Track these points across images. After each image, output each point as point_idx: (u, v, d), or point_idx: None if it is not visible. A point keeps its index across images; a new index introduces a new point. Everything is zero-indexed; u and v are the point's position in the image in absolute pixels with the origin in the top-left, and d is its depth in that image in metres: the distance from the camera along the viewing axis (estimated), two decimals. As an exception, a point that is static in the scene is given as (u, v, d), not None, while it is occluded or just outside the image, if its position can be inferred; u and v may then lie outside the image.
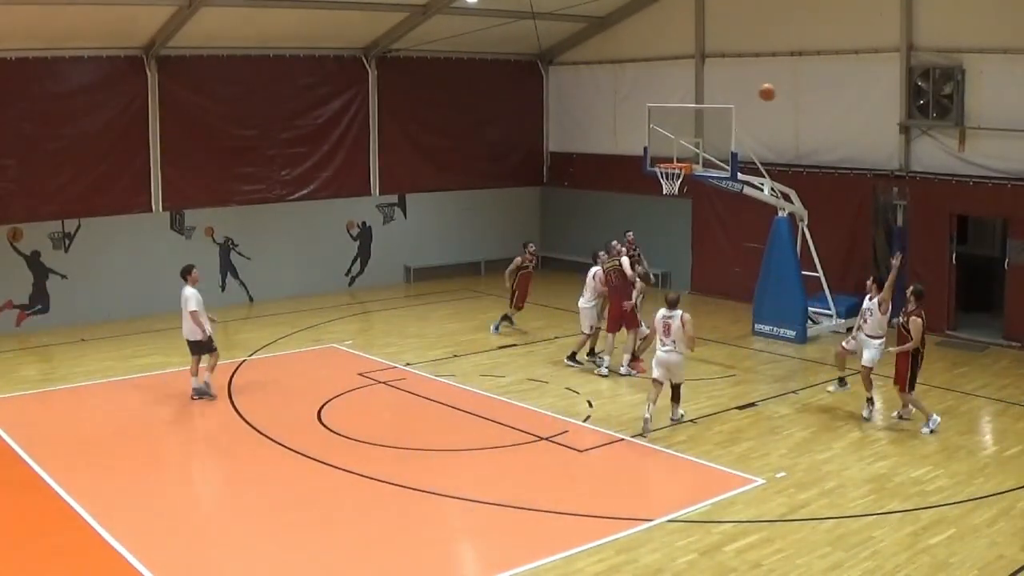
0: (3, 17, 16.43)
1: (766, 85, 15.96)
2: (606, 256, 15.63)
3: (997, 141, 16.73)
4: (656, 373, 12.71)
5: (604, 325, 15.63)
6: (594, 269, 15.79)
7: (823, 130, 19.27)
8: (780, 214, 17.49)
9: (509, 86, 24.55)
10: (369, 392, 14.74)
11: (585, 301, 15.82)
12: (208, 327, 14.06)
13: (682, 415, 13.08)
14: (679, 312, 12.57)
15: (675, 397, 12.94)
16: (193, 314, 13.95)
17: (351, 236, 22.54)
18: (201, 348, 14.15)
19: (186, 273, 14.18)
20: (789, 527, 9.81)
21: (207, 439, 12.75)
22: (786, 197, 17.61)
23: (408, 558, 9.36)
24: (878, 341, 13.16)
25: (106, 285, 19.20)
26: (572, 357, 15.86)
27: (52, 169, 18.49)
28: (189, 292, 14.04)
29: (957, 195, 17.28)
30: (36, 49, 17.98)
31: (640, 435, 12.50)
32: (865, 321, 13.33)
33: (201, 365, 14.24)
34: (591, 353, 15.97)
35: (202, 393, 14.16)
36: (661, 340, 12.67)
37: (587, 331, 15.87)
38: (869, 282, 13.64)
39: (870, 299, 13.39)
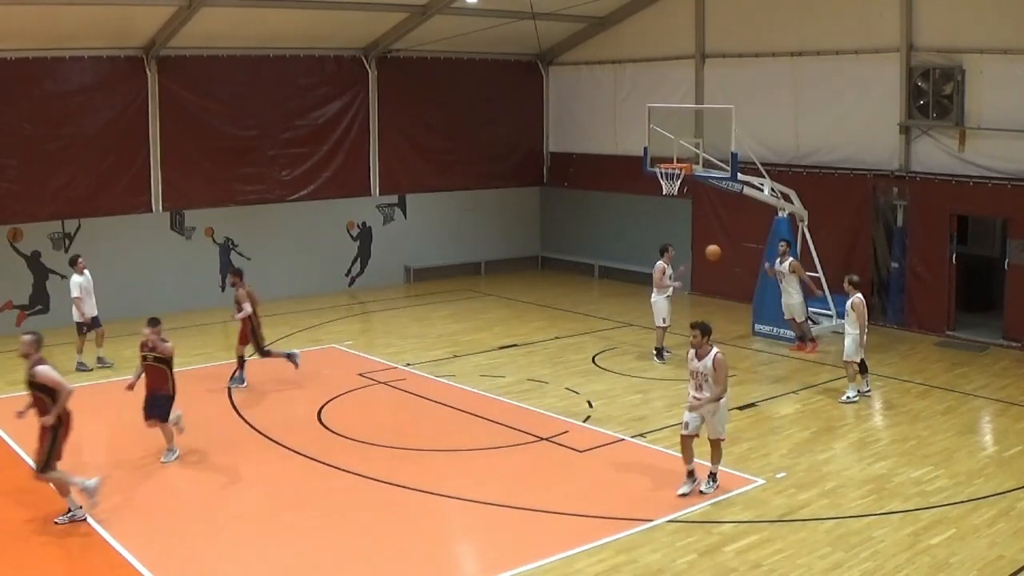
0: (3, 17, 16.44)
1: (711, 247, 16.44)
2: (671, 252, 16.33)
3: (997, 141, 16.73)
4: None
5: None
6: (658, 263, 16.14)
7: (823, 130, 19.27)
8: (780, 214, 17.48)
9: (509, 86, 24.55)
10: (369, 392, 14.73)
11: (656, 295, 16.17)
12: (86, 311, 15.80)
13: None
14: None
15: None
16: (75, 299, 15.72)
17: (351, 236, 22.54)
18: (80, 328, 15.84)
19: (72, 263, 15.89)
20: (789, 527, 9.81)
21: (207, 439, 12.72)
22: (786, 197, 17.61)
23: (408, 558, 9.35)
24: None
25: (106, 285, 19.10)
26: (659, 354, 16.16)
27: (52, 169, 18.50)
28: (72, 279, 15.78)
29: (957, 195, 17.28)
30: (36, 49, 17.99)
31: (640, 435, 12.53)
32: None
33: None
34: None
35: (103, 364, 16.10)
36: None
37: (660, 324, 16.21)
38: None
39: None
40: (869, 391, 14.07)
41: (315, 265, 21.91)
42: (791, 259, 16.51)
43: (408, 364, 16.02)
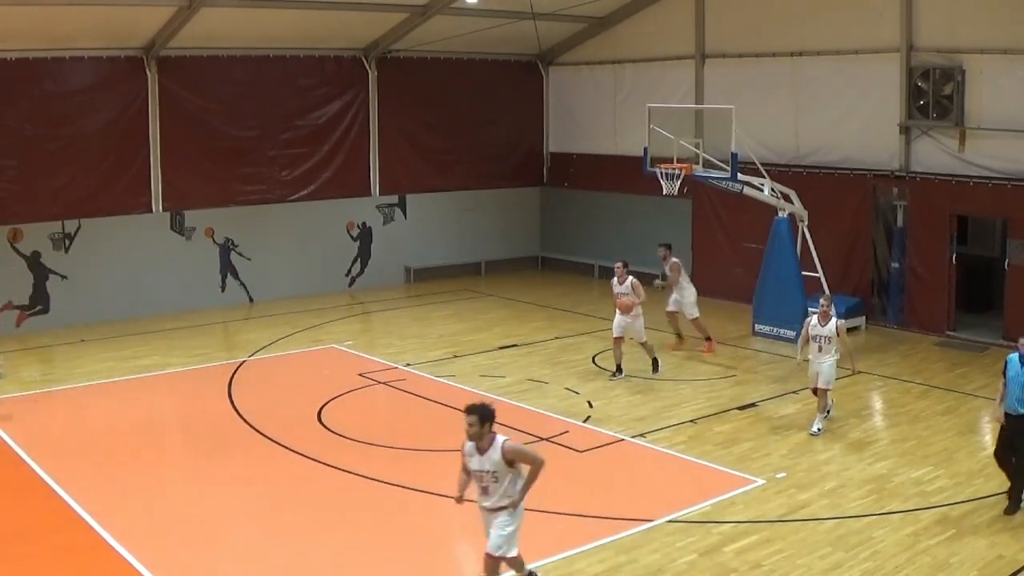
0: (3, 17, 16.43)
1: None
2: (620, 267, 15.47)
3: (997, 141, 16.73)
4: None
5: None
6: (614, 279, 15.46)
7: (823, 130, 19.26)
8: (780, 214, 17.49)
9: (509, 86, 24.55)
10: (369, 392, 14.73)
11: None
12: None
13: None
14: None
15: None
16: None
17: (351, 236, 22.54)
18: None
19: None
20: (789, 527, 9.81)
21: (207, 439, 12.74)
22: (786, 197, 17.61)
23: (408, 558, 9.36)
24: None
25: (106, 286, 19.20)
26: (655, 366, 15.45)
27: (52, 169, 18.49)
28: None
29: (957, 195, 17.28)
30: (36, 49, 17.99)
31: (640, 435, 12.54)
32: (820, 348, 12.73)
33: None
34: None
35: None
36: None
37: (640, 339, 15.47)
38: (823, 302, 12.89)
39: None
40: (821, 429, 12.68)
41: (315, 265, 21.90)
42: (673, 260, 16.51)
43: (408, 364, 16.02)
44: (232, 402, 14.17)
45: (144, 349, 17.17)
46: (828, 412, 12.95)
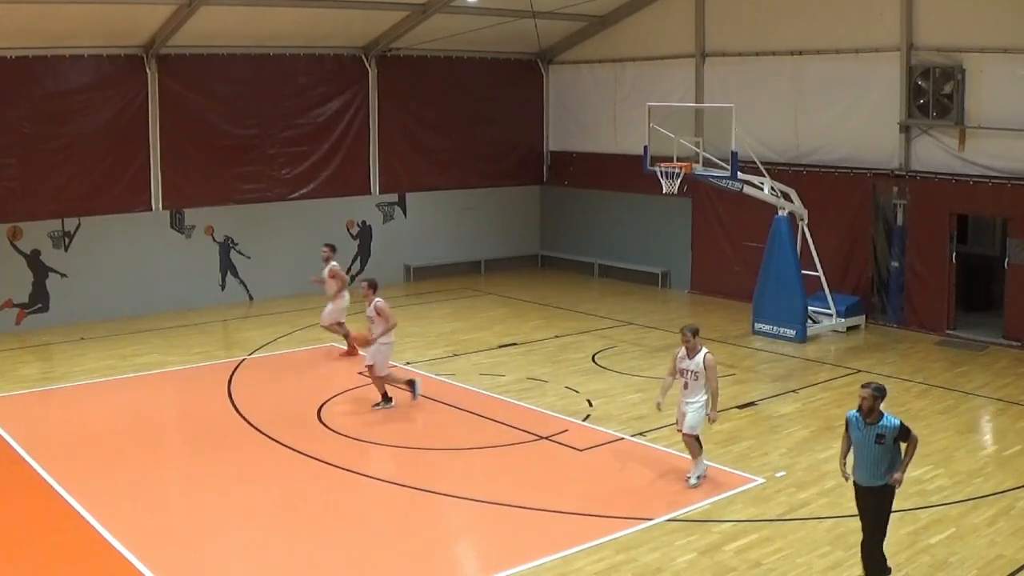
0: (3, 16, 16.43)
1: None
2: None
3: (997, 141, 16.73)
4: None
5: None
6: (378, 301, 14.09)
7: (823, 129, 19.26)
8: (780, 213, 17.49)
9: (509, 85, 24.54)
10: (369, 391, 14.72)
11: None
12: None
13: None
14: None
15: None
16: None
17: (351, 235, 22.53)
18: None
19: None
20: (789, 526, 9.81)
21: (207, 438, 12.74)
22: (786, 196, 17.62)
23: (408, 557, 9.36)
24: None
25: (106, 284, 19.20)
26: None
27: (52, 168, 18.49)
28: None
29: (957, 195, 17.28)
30: (36, 48, 17.98)
31: (640, 434, 12.53)
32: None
33: None
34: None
35: None
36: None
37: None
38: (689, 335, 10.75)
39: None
40: (703, 477, 10.97)
41: (315, 264, 21.77)
42: (333, 264, 16.54)
43: (408, 363, 16.01)
44: (232, 400, 14.17)
45: (144, 347, 17.17)
46: (704, 472, 11.03)
